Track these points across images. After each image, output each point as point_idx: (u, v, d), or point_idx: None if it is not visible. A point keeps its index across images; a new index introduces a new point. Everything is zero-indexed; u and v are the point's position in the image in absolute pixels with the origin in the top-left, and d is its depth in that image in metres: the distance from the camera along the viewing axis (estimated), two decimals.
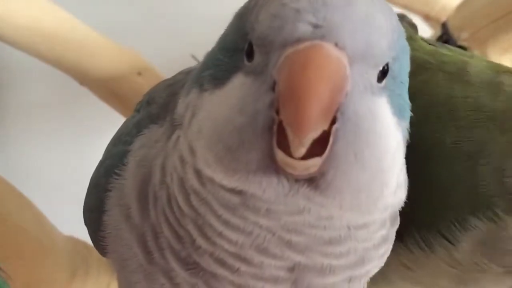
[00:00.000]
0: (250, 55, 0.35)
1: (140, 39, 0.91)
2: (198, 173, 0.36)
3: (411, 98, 0.43)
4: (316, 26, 0.31)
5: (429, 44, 0.57)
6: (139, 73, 0.82)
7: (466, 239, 0.42)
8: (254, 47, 0.34)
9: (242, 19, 0.36)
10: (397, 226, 0.41)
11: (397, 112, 0.36)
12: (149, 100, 0.48)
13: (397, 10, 0.93)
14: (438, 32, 0.84)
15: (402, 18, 0.64)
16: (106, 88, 0.83)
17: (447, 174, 0.44)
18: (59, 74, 0.83)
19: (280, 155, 0.32)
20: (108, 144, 0.49)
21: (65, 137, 1.11)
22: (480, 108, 0.45)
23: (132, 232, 0.40)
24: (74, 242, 0.76)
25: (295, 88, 0.31)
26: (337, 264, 0.36)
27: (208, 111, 0.36)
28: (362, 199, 0.34)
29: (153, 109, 0.46)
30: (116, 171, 0.42)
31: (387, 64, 0.34)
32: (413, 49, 0.51)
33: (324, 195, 0.33)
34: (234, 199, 0.35)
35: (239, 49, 0.36)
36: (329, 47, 0.31)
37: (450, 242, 0.43)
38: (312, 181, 0.33)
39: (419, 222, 0.44)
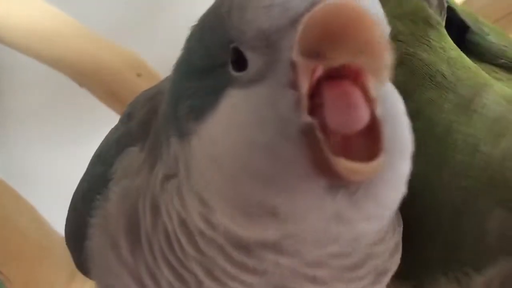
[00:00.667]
0: (241, 64, 0.30)
1: (139, 40, 0.91)
2: (205, 217, 0.33)
3: (413, 116, 0.35)
4: None
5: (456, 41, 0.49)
6: (139, 74, 0.82)
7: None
8: (247, 52, 0.29)
9: (214, 31, 0.31)
10: (401, 226, 0.39)
11: None
12: (130, 113, 0.44)
13: None
14: None
15: None
16: (106, 90, 0.82)
17: (434, 219, 0.41)
18: (58, 76, 0.84)
19: (342, 162, 0.26)
20: (89, 162, 0.46)
21: (64, 140, 1.11)
22: (476, 154, 0.40)
23: (122, 266, 0.37)
24: None
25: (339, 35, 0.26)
26: (360, 286, 0.35)
27: (207, 156, 0.31)
28: (388, 204, 0.30)
29: (133, 126, 0.42)
30: (98, 196, 0.39)
31: None
32: (430, 48, 0.46)
33: (358, 207, 0.28)
34: (249, 244, 0.31)
35: (218, 64, 0.31)
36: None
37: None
38: (349, 192, 0.28)
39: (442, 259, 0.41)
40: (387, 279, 0.38)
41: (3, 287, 0.44)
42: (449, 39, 0.47)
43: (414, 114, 0.33)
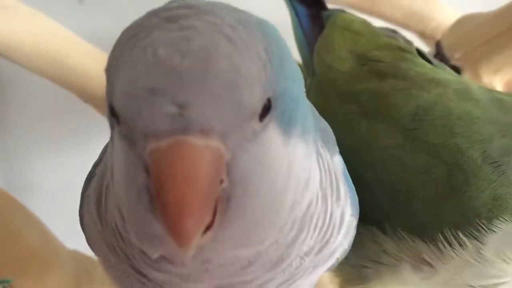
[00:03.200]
0: (117, 117, 0.30)
1: None
2: (122, 225, 0.36)
3: (429, 109, 0.52)
4: (175, 114, 0.27)
5: (426, 60, 0.62)
6: None
7: (492, 240, 0.46)
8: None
9: (107, 69, 0.31)
10: (342, 201, 0.42)
11: (287, 122, 0.33)
12: None
13: (392, 27, 0.95)
14: (433, 50, 0.86)
15: (395, 33, 0.67)
16: None
17: (472, 180, 0.47)
18: (61, 87, 0.85)
19: (173, 246, 0.29)
20: None
21: (68, 150, 1.12)
22: (496, 121, 0.50)
23: (99, 236, 0.41)
24: (78, 256, 0.77)
25: (166, 201, 0.27)
26: (251, 278, 0.37)
27: (115, 170, 0.33)
28: (255, 236, 0.33)
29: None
30: (90, 179, 0.44)
31: (268, 99, 0.30)
32: (415, 63, 0.59)
33: (222, 244, 0.32)
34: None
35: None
36: (193, 142, 0.27)
37: (478, 241, 0.47)
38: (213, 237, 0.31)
39: (450, 222, 0.47)
40: (333, 259, 0.43)
41: None
42: (421, 59, 0.61)
43: (431, 107, 0.51)
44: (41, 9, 0.82)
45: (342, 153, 0.48)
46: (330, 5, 0.95)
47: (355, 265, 0.53)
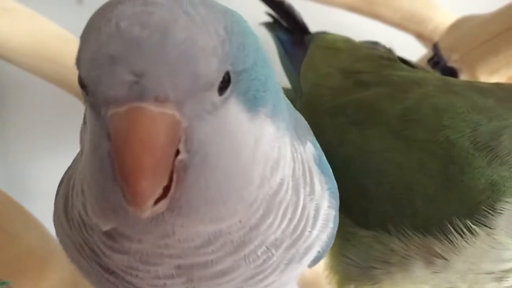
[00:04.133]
0: (83, 87, 0.32)
1: None
2: (84, 205, 0.37)
3: (416, 108, 0.53)
4: (132, 82, 0.29)
5: (405, 63, 0.65)
6: None
7: (501, 222, 0.47)
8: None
9: (80, 40, 0.33)
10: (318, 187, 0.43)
11: (252, 100, 0.35)
12: None
13: (391, 28, 0.96)
14: (430, 52, 0.86)
15: (376, 44, 0.69)
16: None
17: (467, 169, 0.48)
18: (60, 89, 0.85)
19: (130, 209, 0.30)
20: None
21: (66, 151, 1.12)
22: (480, 107, 0.51)
23: (69, 239, 0.42)
24: None
25: (122, 162, 0.29)
26: (212, 259, 0.37)
27: (85, 147, 0.35)
28: (221, 211, 0.34)
29: None
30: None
31: (227, 73, 0.32)
32: (395, 68, 0.62)
33: (183, 217, 0.33)
34: (111, 232, 0.36)
35: None
36: (148, 108, 0.29)
37: (487, 226, 0.47)
38: (172, 207, 0.32)
39: (455, 213, 0.48)
40: (308, 256, 0.43)
41: None
42: (401, 63, 0.63)
43: (417, 105, 0.53)
44: (39, 10, 0.83)
45: (338, 164, 0.48)
46: (330, 9, 0.96)
47: (362, 266, 0.53)
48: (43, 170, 1.10)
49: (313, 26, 0.80)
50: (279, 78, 0.74)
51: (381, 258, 0.52)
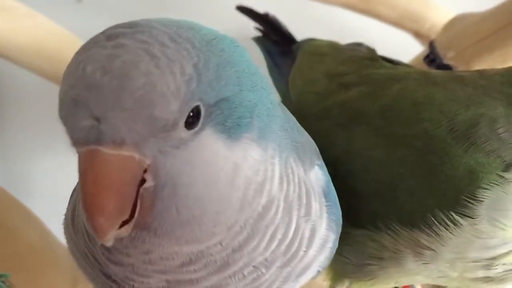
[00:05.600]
0: None
1: None
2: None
3: (395, 104, 0.54)
4: (91, 126, 0.31)
5: (387, 61, 0.65)
6: None
7: (482, 210, 0.47)
8: None
9: None
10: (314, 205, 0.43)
11: (233, 128, 0.35)
12: None
13: (388, 26, 0.96)
14: (426, 50, 0.87)
15: (359, 45, 0.69)
16: None
17: (446, 159, 0.49)
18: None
19: (95, 235, 0.33)
20: None
21: (66, 150, 1.13)
22: (458, 96, 0.52)
23: (76, 248, 0.44)
24: None
25: (82, 199, 0.32)
26: (196, 277, 0.39)
27: None
28: (196, 233, 0.36)
29: None
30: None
31: (196, 108, 0.33)
32: (376, 67, 0.62)
33: (159, 238, 0.36)
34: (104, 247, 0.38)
35: None
36: (104, 151, 0.31)
37: (470, 216, 0.47)
38: (147, 228, 0.35)
39: (438, 205, 0.48)
40: (305, 276, 0.44)
41: None
42: (382, 60, 0.64)
43: (395, 101, 0.53)
44: (39, 9, 0.83)
45: (328, 167, 0.49)
46: (327, 7, 0.97)
47: (357, 264, 0.54)
48: (42, 169, 1.11)
49: (312, 26, 0.81)
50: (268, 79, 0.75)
51: (375, 255, 0.53)
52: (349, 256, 0.55)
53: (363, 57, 0.64)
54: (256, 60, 0.78)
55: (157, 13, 1.18)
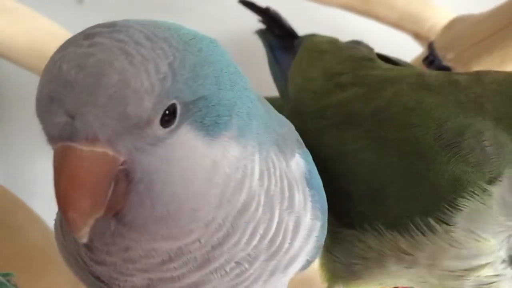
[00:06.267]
0: None
1: None
2: None
3: (387, 108, 0.54)
4: (65, 122, 0.31)
5: (387, 62, 0.64)
6: None
7: (459, 219, 0.47)
8: None
9: None
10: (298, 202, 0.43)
11: (212, 125, 0.36)
12: None
13: (388, 27, 0.97)
14: (426, 51, 0.87)
15: (358, 43, 0.69)
16: None
17: (431, 166, 0.49)
18: None
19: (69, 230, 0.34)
20: None
21: None
22: (447, 105, 0.51)
23: (66, 251, 0.44)
24: None
25: (56, 195, 0.32)
26: (177, 275, 0.39)
27: None
28: (171, 229, 0.37)
29: None
30: None
31: (172, 106, 0.33)
32: (372, 68, 0.61)
33: (135, 233, 0.36)
34: (89, 245, 0.39)
35: None
36: (77, 147, 0.31)
37: (447, 223, 0.47)
38: (122, 220, 0.36)
39: (420, 211, 0.49)
40: (292, 268, 0.44)
41: None
42: (379, 60, 0.64)
43: (388, 105, 0.53)
44: (40, 10, 0.83)
45: (320, 166, 0.49)
46: (326, 9, 0.97)
47: (344, 263, 0.55)
48: (44, 169, 1.10)
49: (312, 26, 0.81)
50: (269, 86, 0.74)
51: (360, 255, 0.53)
52: (338, 255, 0.55)
53: (361, 56, 0.63)
54: (259, 56, 0.79)
55: (158, 13, 1.19)
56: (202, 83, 0.35)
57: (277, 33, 0.78)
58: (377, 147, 0.53)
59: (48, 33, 0.81)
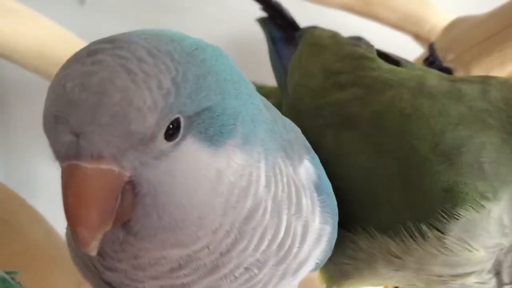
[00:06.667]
0: None
1: None
2: None
3: (384, 113, 0.53)
4: (71, 141, 0.32)
5: (387, 60, 0.63)
6: None
7: (454, 228, 0.47)
8: None
9: None
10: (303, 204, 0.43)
11: (216, 135, 0.36)
12: None
13: (388, 29, 0.97)
14: (426, 52, 0.87)
15: (359, 40, 0.67)
16: None
17: (425, 174, 0.49)
18: None
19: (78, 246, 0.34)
20: None
21: None
22: (447, 115, 0.50)
23: (77, 256, 0.45)
24: None
25: (65, 211, 0.33)
26: (188, 281, 0.39)
27: None
28: (179, 237, 0.37)
29: None
30: None
31: (175, 120, 0.34)
32: (372, 68, 0.60)
33: (144, 241, 0.37)
34: (100, 251, 0.38)
35: None
36: (83, 165, 0.32)
37: (440, 231, 0.47)
38: (130, 231, 0.36)
39: (412, 217, 0.49)
40: (301, 272, 0.44)
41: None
42: (380, 60, 0.61)
43: (386, 110, 0.52)
44: (41, 11, 0.84)
45: None
46: (325, 9, 0.97)
47: (337, 263, 0.55)
48: (46, 169, 1.10)
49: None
50: (269, 80, 0.74)
51: (351, 255, 0.54)
52: (332, 255, 0.56)
53: (361, 55, 0.62)
54: (258, 57, 0.78)
55: (158, 13, 1.18)
56: (206, 94, 0.35)
57: (278, 23, 0.76)
58: (372, 152, 0.52)
59: (50, 34, 0.81)
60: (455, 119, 0.50)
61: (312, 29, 0.72)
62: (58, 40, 0.81)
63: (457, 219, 0.47)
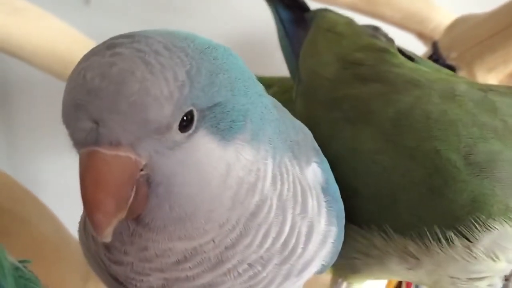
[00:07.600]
0: None
1: None
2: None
3: (407, 113, 0.52)
4: (91, 128, 0.33)
5: (408, 58, 0.61)
6: None
7: (485, 238, 0.47)
8: None
9: None
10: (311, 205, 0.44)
11: (226, 130, 0.37)
12: None
13: (392, 28, 0.97)
14: (430, 50, 0.88)
15: (376, 30, 0.65)
16: None
17: (451, 183, 0.48)
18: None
19: (93, 231, 0.35)
20: None
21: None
22: (482, 126, 0.49)
23: (88, 252, 0.46)
24: None
25: (82, 197, 0.34)
26: (192, 275, 0.40)
27: None
28: (188, 230, 0.38)
29: None
30: None
31: (189, 113, 0.35)
32: (395, 65, 0.58)
33: (153, 233, 0.38)
34: (107, 244, 0.41)
35: None
36: (102, 152, 0.33)
37: (469, 240, 0.47)
38: (141, 221, 0.38)
39: (439, 221, 0.48)
40: (307, 272, 0.45)
41: (38, 281, 0.49)
42: (402, 57, 0.59)
43: (409, 109, 0.51)
44: (47, 10, 0.84)
45: (329, 158, 0.49)
46: (332, 8, 0.98)
47: (346, 257, 0.54)
48: (53, 165, 1.11)
49: None
50: (279, 65, 0.72)
51: (362, 251, 0.53)
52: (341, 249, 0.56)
53: (382, 48, 0.60)
54: (263, 56, 0.78)
55: (162, 13, 1.19)
56: (218, 90, 0.37)
57: (286, 2, 0.74)
58: (394, 152, 0.51)
59: (58, 32, 0.82)
60: (490, 132, 0.49)
61: (324, 11, 0.70)
62: (66, 38, 0.82)
63: (490, 230, 0.47)
